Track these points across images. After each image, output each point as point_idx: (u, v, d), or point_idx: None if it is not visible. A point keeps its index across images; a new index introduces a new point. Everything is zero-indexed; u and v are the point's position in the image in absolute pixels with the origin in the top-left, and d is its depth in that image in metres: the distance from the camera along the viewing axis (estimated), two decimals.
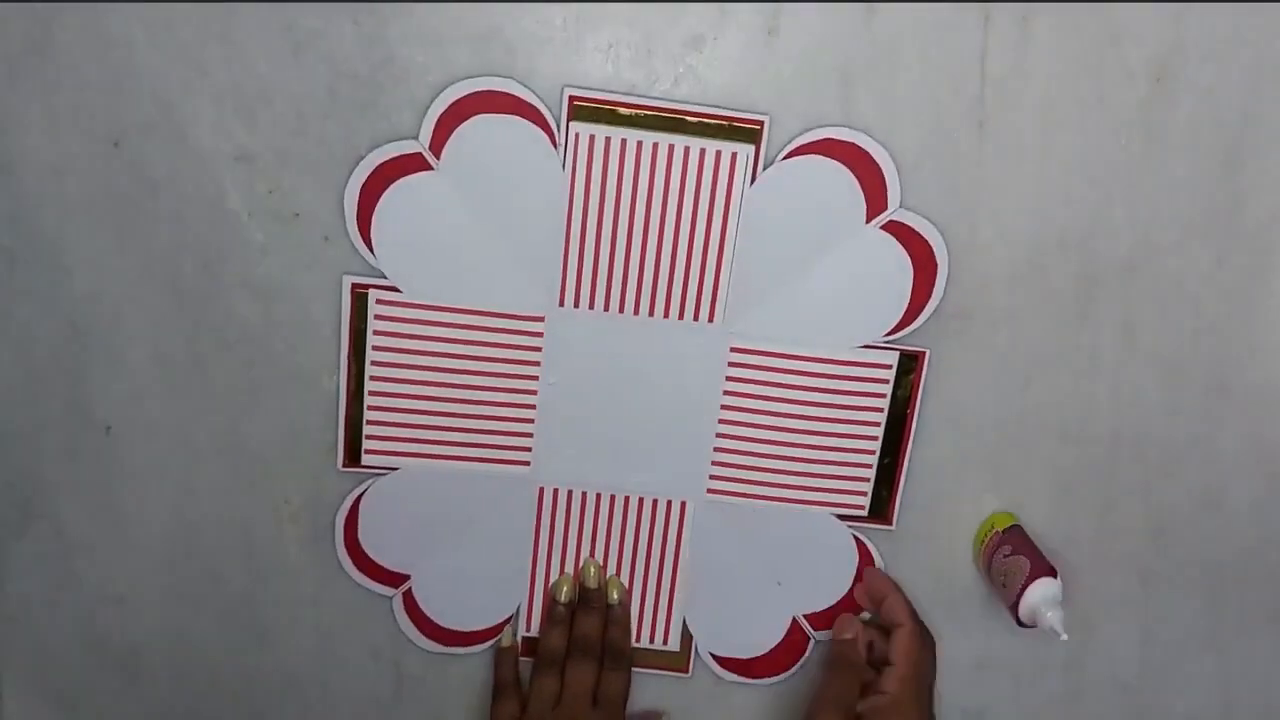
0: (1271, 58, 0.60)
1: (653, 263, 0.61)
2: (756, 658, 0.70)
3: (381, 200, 0.59)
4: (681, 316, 0.62)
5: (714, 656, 0.69)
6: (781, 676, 0.70)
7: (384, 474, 0.65)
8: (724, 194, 0.60)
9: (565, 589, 0.67)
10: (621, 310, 0.62)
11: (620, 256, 0.61)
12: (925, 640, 0.65)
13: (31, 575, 0.65)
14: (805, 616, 0.69)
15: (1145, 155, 0.61)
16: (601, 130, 0.59)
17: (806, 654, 0.70)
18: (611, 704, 0.65)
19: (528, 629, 0.69)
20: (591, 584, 0.67)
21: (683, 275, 0.62)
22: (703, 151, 0.59)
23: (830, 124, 0.59)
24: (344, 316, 0.61)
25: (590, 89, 0.58)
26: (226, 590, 0.66)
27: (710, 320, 0.62)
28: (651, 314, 0.62)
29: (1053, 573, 0.63)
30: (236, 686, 0.68)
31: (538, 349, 0.63)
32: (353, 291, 0.61)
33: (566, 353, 0.63)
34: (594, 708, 0.65)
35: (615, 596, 0.68)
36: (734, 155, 0.59)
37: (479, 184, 0.59)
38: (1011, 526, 0.66)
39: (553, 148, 0.59)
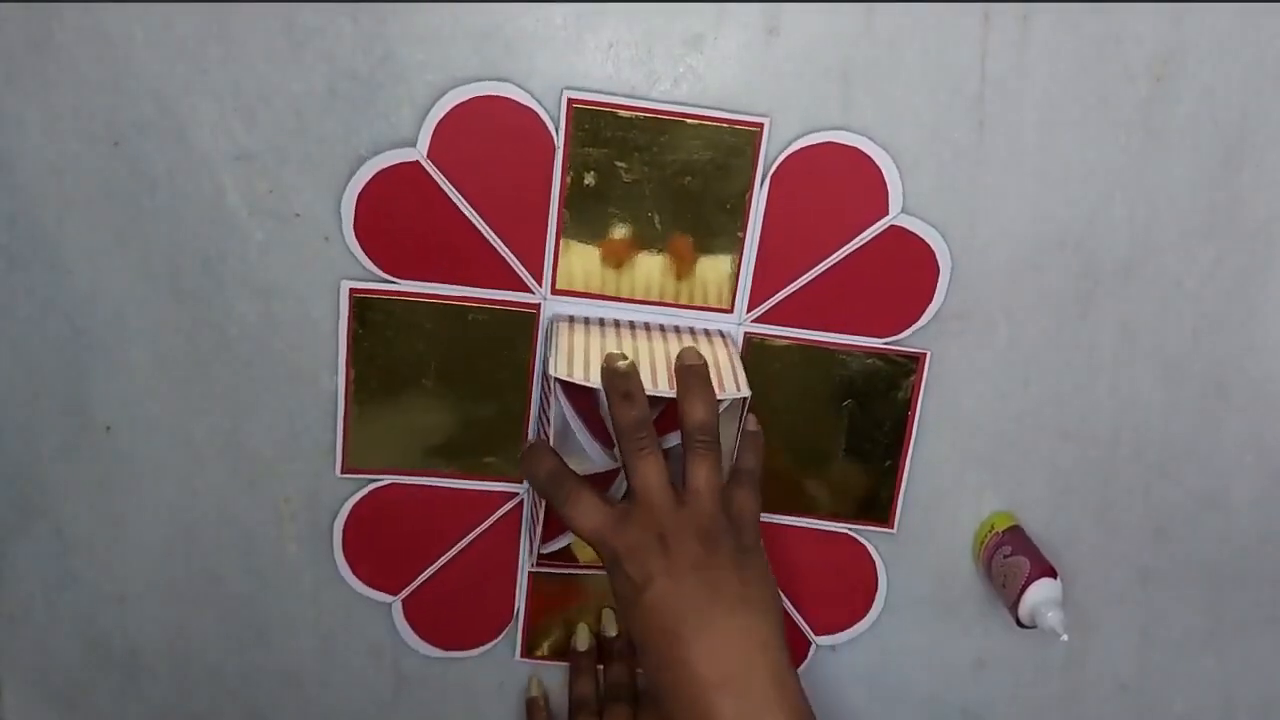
0: (1271, 58, 0.60)
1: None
2: None
3: (379, 205, 0.59)
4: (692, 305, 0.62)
5: None
6: None
7: (383, 482, 0.65)
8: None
9: (584, 638, 0.67)
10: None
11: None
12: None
13: (31, 575, 0.65)
14: (807, 621, 0.69)
15: (1145, 155, 0.61)
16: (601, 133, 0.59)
17: (808, 658, 0.70)
18: None
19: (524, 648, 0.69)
20: (612, 632, 0.67)
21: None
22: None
23: (830, 125, 0.59)
24: (342, 322, 0.61)
25: (590, 89, 0.58)
26: (226, 590, 0.66)
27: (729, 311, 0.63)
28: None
29: (1052, 573, 0.63)
30: (236, 686, 0.68)
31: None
32: (351, 296, 0.61)
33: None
34: None
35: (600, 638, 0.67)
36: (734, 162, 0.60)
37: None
38: (1011, 527, 0.66)
39: (551, 149, 0.59)
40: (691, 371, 0.55)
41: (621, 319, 0.62)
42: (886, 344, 0.64)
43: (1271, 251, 0.64)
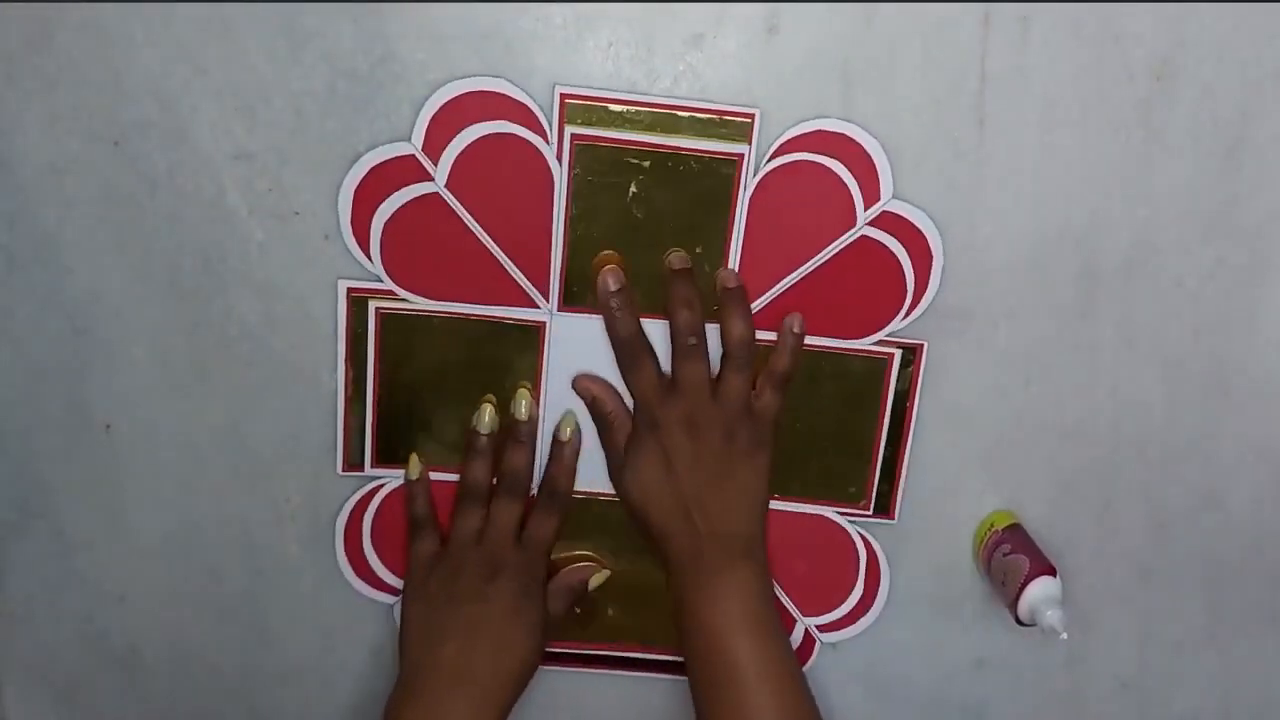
0: (1271, 58, 0.60)
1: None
2: None
3: (376, 204, 0.59)
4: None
5: None
6: None
7: (384, 481, 0.65)
8: (723, 191, 0.60)
9: (486, 418, 0.62)
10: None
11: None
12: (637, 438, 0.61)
13: (31, 575, 0.65)
14: (810, 618, 0.69)
15: (1145, 155, 0.61)
16: (597, 130, 0.59)
17: (813, 657, 0.70)
18: (535, 545, 0.62)
19: None
20: (522, 416, 0.62)
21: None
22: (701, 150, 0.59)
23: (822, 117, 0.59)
24: (340, 322, 0.61)
25: (590, 88, 0.58)
26: (226, 590, 0.66)
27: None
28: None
29: (1052, 571, 0.63)
30: (236, 686, 0.68)
31: (539, 353, 0.63)
32: (349, 296, 0.61)
33: (568, 357, 0.63)
34: (517, 547, 0.62)
35: (566, 433, 0.63)
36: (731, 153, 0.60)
37: (473, 185, 0.59)
38: (1011, 525, 0.66)
39: (546, 146, 0.59)
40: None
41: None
42: (884, 335, 0.64)
43: (1271, 251, 0.64)
